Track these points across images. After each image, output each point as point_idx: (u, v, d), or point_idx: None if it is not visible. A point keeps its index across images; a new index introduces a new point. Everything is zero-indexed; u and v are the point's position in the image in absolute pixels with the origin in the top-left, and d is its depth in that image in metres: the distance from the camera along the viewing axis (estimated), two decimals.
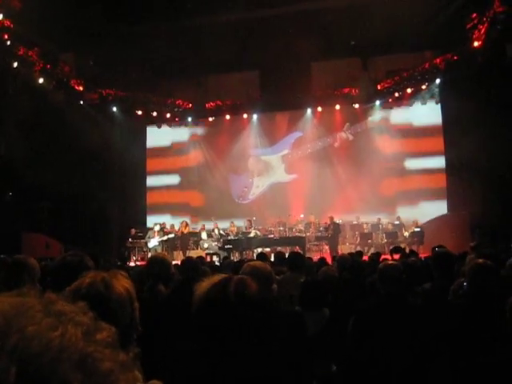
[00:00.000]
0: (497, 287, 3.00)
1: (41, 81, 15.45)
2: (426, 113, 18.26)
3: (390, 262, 3.62)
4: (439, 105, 17.90)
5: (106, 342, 0.60)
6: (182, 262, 5.05)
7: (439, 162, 17.81)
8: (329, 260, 9.34)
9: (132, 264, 13.87)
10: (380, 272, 3.45)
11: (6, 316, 0.57)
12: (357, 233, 17.22)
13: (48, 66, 15.61)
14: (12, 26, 14.05)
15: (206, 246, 15.89)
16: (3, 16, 13.77)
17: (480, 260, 3.20)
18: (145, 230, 17.17)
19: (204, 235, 16.32)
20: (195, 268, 4.60)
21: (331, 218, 15.84)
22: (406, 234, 16.21)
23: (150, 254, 14.62)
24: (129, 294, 1.85)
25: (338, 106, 18.68)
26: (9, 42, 14.16)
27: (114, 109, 18.51)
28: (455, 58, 15.84)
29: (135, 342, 1.86)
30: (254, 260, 6.57)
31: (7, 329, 0.55)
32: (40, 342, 0.54)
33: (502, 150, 14.26)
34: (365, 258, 9.43)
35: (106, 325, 0.65)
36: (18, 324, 0.56)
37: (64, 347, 0.55)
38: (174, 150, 20.48)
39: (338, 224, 15.87)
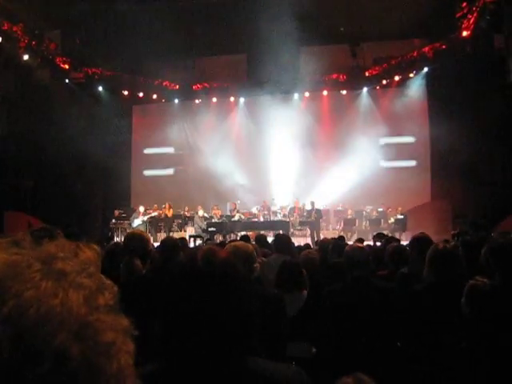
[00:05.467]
0: (458, 272, 2.99)
1: (25, 57, 15.16)
2: (413, 101, 18.26)
3: (357, 246, 3.63)
4: (426, 93, 17.92)
5: (109, 307, 0.56)
6: (162, 241, 5.02)
7: (424, 151, 17.92)
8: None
9: None
10: (347, 255, 3.46)
11: (0, 277, 0.51)
12: (340, 219, 17.31)
13: (33, 43, 15.33)
14: None
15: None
16: None
17: (440, 245, 3.17)
18: (129, 211, 17.06)
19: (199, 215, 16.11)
20: (174, 248, 4.57)
21: (312, 204, 15.95)
22: (392, 219, 16.29)
23: None
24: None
25: (325, 92, 18.67)
26: None
27: (100, 88, 18.28)
28: (443, 46, 15.85)
29: None
30: (237, 240, 6.57)
31: (2, 293, 0.50)
32: (38, 310, 0.49)
33: (486, 141, 14.37)
34: None
35: (109, 282, 0.60)
36: (14, 287, 0.50)
37: (64, 317, 0.50)
38: (159, 130, 20.33)
39: (319, 210, 15.95)
